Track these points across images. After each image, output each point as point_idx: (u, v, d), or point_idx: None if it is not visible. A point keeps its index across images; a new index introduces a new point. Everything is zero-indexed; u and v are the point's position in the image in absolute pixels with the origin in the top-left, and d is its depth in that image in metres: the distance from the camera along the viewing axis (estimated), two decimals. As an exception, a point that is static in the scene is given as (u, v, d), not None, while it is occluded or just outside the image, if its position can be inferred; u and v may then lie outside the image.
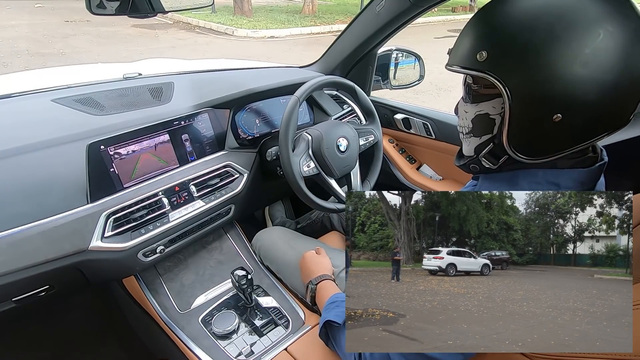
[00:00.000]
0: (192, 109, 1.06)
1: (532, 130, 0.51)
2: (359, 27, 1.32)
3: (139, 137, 0.95)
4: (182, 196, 1.01)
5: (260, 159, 1.20)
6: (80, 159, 0.85)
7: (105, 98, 0.99)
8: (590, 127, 0.49)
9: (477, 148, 0.61)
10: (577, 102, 0.47)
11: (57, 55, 5.23)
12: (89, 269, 0.90)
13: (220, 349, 0.89)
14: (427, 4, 1.13)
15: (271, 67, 1.52)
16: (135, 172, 0.95)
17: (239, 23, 8.17)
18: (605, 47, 0.45)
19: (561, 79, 0.46)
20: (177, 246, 1.06)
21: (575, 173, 0.55)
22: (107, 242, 0.88)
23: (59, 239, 0.81)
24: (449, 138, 1.32)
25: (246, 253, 1.21)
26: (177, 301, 1.03)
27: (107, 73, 1.22)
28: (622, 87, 0.46)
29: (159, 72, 1.25)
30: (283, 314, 0.98)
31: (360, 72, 1.47)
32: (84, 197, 0.85)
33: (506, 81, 0.50)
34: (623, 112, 0.49)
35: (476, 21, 0.55)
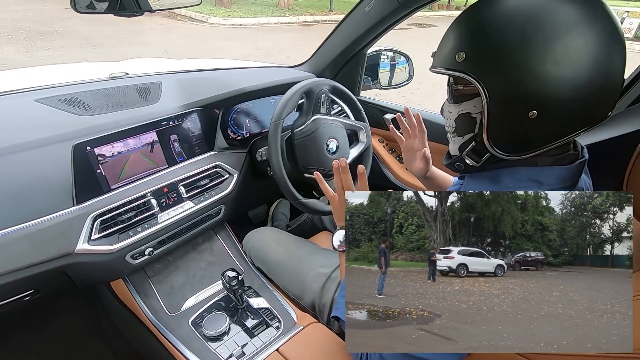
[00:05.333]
0: (181, 109, 1.05)
1: (510, 128, 0.53)
2: (348, 27, 1.33)
3: (127, 138, 0.93)
4: (171, 197, 1.00)
5: (250, 159, 1.20)
6: (66, 160, 0.83)
7: (91, 98, 0.97)
8: (566, 123, 0.51)
9: (461, 147, 0.63)
10: (551, 100, 0.48)
11: (53, 32, 6.13)
12: (75, 273, 0.89)
13: (211, 351, 0.88)
14: (416, 4, 1.14)
15: (260, 66, 1.52)
16: (123, 173, 0.93)
17: (217, 13, 9.02)
18: (576, 46, 0.47)
19: (534, 77, 0.48)
20: (167, 248, 1.05)
21: (557, 170, 0.56)
22: (94, 245, 0.86)
23: (44, 241, 0.80)
24: (438, 138, 1.34)
25: (237, 254, 1.20)
26: (166, 303, 1.02)
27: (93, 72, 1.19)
28: (595, 84, 0.48)
29: (146, 71, 1.23)
30: (274, 314, 0.98)
31: (349, 72, 1.47)
32: (69, 199, 0.84)
33: (483, 80, 0.52)
34: (598, 109, 0.51)
35: (456, 24, 0.56)
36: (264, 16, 9.35)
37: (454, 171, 0.67)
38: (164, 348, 0.93)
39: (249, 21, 8.97)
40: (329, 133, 1.09)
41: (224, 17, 8.77)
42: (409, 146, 0.94)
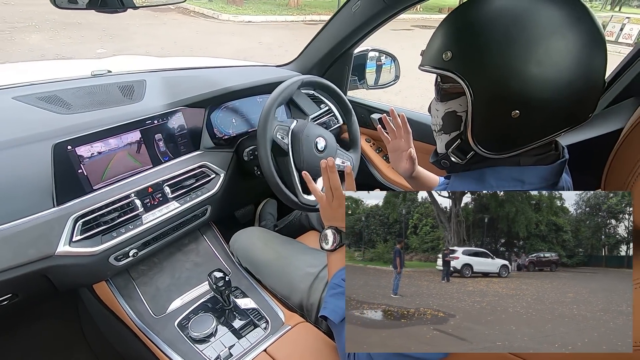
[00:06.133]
0: (166, 108, 1.04)
1: (493, 126, 0.54)
2: (335, 27, 1.33)
3: (109, 137, 0.91)
4: (155, 197, 0.99)
5: (237, 158, 1.19)
6: (46, 160, 0.81)
7: (72, 96, 0.95)
8: (548, 123, 0.52)
9: (447, 144, 0.64)
10: (533, 99, 0.50)
11: (75, 24, 6.78)
12: (56, 275, 0.86)
13: (198, 353, 0.87)
14: (402, 5, 1.15)
15: (247, 65, 1.51)
16: (105, 173, 0.91)
17: (228, 10, 9.84)
18: (558, 48, 0.48)
19: (517, 77, 0.49)
20: (152, 249, 1.03)
21: (539, 170, 0.58)
22: (75, 247, 0.84)
23: (23, 244, 0.77)
24: (424, 137, 1.35)
25: (223, 254, 1.19)
26: (151, 306, 1.00)
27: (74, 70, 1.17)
28: (576, 86, 0.50)
29: (130, 69, 1.20)
30: (262, 314, 0.97)
31: (337, 72, 1.48)
32: (49, 200, 0.81)
33: (469, 79, 0.53)
34: (579, 110, 0.53)
35: (444, 24, 0.57)
36: (272, 14, 9.92)
37: (440, 169, 0.68)
38: (149, 351, 0.91)
39: (257, 18, 9.56)
40: (316, 132, 1.09)
41: (233, 14, 9.44)
42: (395, 146, 0.95)
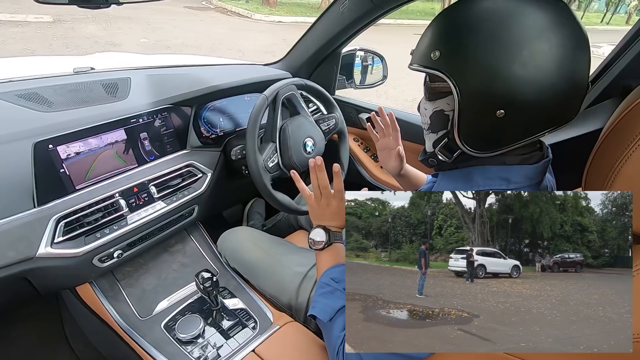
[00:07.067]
0: (151, 106, 1.02)
1: (479, 125, 0.55)
2: (323, 26, 1.33)
3: (93, 136, 0.89)
4: (141, 197, 0.97)
5: (225, 158, 1.18)
6: (26, 159, 0.79)
7: (54, 93, 0.92)
8: (532, 123, 0.54)
9: (434, 143, 0.65)
10: (517, 99, 0.51)
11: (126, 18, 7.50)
12: (37, 278, 0.84)
13: (185, 355, 0.86)
14: (390, 5, 1.15)
15: (234, 64, 1.49)
16: (89, 173, 0.89)
17: (261, 10, 10.66)
18: (542, 50, 0.49)
19: (502, 77, 0.50)
20: (137, 250, 1.01)
21: (524, 169, 0.59)
22: (57, 248, 0.82)
23: (2, 246, 0.75)
24: (412, 137, 1.36)
25: (211, 255, 1.18)
26: (137, 307, 0.99)
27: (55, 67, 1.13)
28: (559, 87, 0.51)
29: (114, 66, 1.18)
30: (250, 315, 0.97)
31: (325, 71, 1.48)
32: (30, 200, 0.79)
33: (455, 79, 0.54)
34: (563, 111, 0.54)
35: (433, 24, 0.58)
36: (302, 15, 10.58)
37: (428, 167, 0.69)
38: (135, 354, 0.89)
39: (287, 19, 10.23)
40: (305, 132, 1.08)
41: (265, 15, 10.19)
42: (384, 145, 0.96)
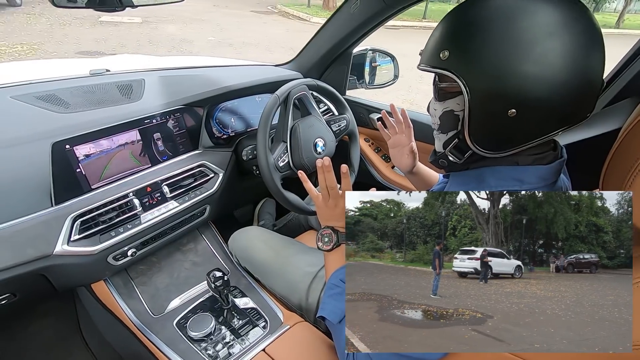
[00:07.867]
0: (164, 107, 1.03)
1: (490, 125, 0.54)
2: (334, 27, 1.33)
3: (108, 137, 0.91)
4: (154, 197, 0.98)
5: (236, 158, 1.19)
6: (44, 159, 0.81)
7: (70, 95, 0.94)
8: (544, 122, 0.52)
9: (445, 144, 0.64)
10: (529, 98, 0.50)
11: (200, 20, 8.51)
12: (54, 275, 0.86)
13: (197, 353, 0.87)
14: (401, 4, 1.14)
15: (246, 64, 1.50)
16: (104, 172, 0.91)
17: (321, 14, 11.06)
18: (554, 48, 0.48)
19: (514, 76, 0.49)
20: (150, 248, 1.03)
21: (538, 169, 0.58)
22: (73, 246, 0.84)
23: (21, 244, 0.77)
24: (423, 137, 1.35)
25: (222, 254, 1.19)
26: (150, 305, 1.00)
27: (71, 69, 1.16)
28: (572, 85, 0.49)
29: (128, 68, 1.20)
30: (261, 314, 0.97)
31: (336, 72, 1.48)
32: (47, 199, 0.81)
33: (465, 78, 0.53)
34: (576, 109, 0.53)
35: (442, 24, 0.57)
36: None
37: (438, 168, 0.68)
38: (147, 351, 0.91)
39: None
40: (316, 133, 1.09)
41: (323, 18, 10.29)
42: (396, 142, 0.95)
